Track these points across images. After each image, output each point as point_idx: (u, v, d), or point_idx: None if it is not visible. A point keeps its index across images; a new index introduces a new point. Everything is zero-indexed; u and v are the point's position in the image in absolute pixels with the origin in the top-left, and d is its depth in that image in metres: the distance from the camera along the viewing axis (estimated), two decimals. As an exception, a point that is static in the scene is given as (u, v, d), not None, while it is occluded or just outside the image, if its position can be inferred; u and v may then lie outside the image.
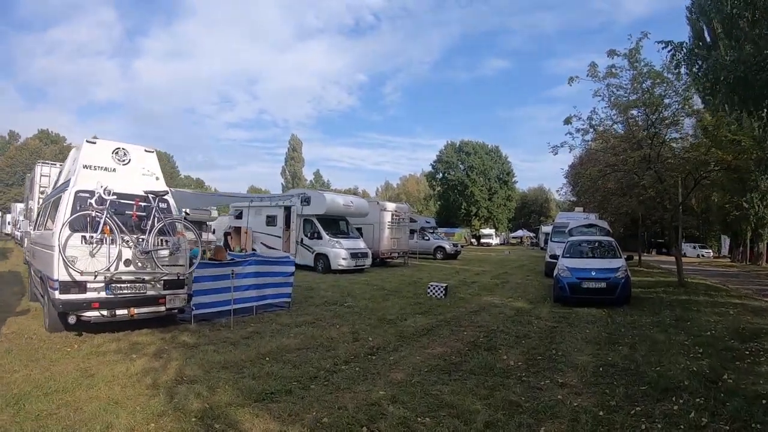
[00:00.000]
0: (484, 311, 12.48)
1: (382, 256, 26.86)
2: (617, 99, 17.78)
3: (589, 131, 18.80)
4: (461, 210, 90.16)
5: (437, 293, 14.69)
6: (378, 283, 18.21)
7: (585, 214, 27.77)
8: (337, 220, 24.54)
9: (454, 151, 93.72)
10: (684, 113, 17.29)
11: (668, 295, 16.14)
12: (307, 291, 15.37)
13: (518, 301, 14.68)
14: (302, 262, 22.98)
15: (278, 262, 12.65)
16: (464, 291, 16.58)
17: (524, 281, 20.83)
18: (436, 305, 13.12)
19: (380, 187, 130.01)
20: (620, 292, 13.61)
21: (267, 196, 13.56)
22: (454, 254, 37.37)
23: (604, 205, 26.25)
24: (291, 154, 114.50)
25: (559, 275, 14.26)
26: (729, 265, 40.54)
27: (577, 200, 55.34)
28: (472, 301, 14.40)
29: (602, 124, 18.72)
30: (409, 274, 22.52)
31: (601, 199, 26.58)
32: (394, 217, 27.75)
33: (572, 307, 13.36)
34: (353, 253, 22.59)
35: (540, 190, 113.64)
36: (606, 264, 14.51)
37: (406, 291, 16.06)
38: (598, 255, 15.96)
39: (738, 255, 48.15)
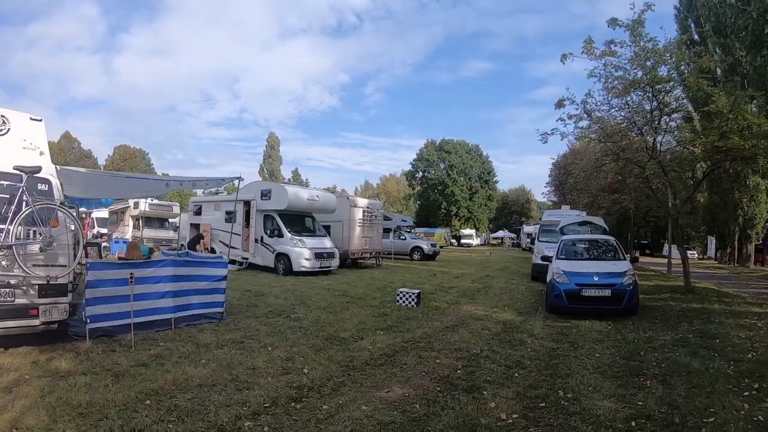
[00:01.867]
0: (463, 326, 10.02)
1: (353, 256, 24.40)
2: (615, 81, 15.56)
3: (583, 117, 16.58)
4: (441, 210, 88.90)
5: (408, 301, 12.26)
6: (342, 287, 15.79)
7: (576, 212, 25.42)
8: (302, 216, 22.15)
9: (435, 150, 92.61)
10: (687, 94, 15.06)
11: (677, 303, 13.90)
12: (255, 297, 13.09)
13: (504, 311, 12.27)
14: (262, 262, 21.02)
15: (204, 263, 10.22)
16: (441, 298, 14.14)
17: (509, 285, 18.47)
18: (405, 317, 10.70)
19: (360, 187, 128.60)
20: (628, 302, 11.30)
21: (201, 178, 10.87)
22: (432, 255, 34.96)
23: (598, 202, 23.82)
24: (269, 152, 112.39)
25: (554, 281, 11.87)
26: (717, 267, 39.04)
27: (561, 200, 54.00)
28: (449, 311, 11.95)
29: (598, 109, 16.47)
30: (380, 277, 20.08)
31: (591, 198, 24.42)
32: (365, 214, 25.13)
33: (570, 318, 11.08)
34: (318, 253, 20.16)
35: (521, 191, 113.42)
36: (609, 267, 12.26)
37: (371, 298, 13.62)
38: (599, 257, 13.75)
39: (725, 256, 46.79)
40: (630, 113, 16.01)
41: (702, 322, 10.96)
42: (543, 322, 10.84)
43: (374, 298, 13.54)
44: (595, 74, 15.69)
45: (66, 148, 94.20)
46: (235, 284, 15.35)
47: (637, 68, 14.91)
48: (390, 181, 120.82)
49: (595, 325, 10.36)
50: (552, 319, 11.21)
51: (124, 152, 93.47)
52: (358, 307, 12.06)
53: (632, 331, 9.96)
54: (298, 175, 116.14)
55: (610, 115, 16.60)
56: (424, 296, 13.39)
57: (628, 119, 16.23)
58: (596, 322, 10.61)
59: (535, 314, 11.87)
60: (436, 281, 19.18)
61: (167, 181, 9.30)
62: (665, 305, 13.57)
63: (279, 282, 17.04)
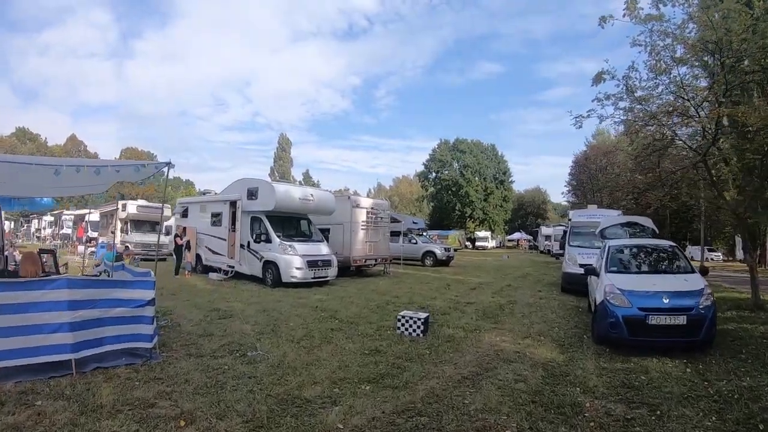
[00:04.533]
0: (487, 374, 6.91)
1: (355, 263, 21.39)
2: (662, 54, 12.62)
3: (623, 97, 13.55)
4: (455, 211, 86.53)
5: (413, 329, 9.24)
6: (334, 305, 12.80)
7: (614, 211, 22.12)
8: (296, 218, 19.31)
9: (448, 150, 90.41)
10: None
11: (754, 326, 10.76)
12: (218, 321, 10.28)
13: (540, 342, 9.16)
14: (249, 271, 18.18)
15: (121, 284, 7.32)
16: (455, 322, 10.98)
17: (536, 300, 15.17)
18: (406, 357, 7.68)
19: (372, 189, 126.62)
20: (707, 332, 8.30)
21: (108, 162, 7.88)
22: (446, 260, 31.77)
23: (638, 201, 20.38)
24: (279, 153, 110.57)
25: (608, 303, 8.75)
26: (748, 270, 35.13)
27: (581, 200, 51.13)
28: (466, 344, 8.83)
29: (643, 87, 13.43)
30: (384, 289, 17.02)
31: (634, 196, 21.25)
32: (370, 215, 22.04)
33: (628, 354, 8.15)
34: (312, 260, 17.23)
35: (537, 191, 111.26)
36: (679, 284, 9.13)
37: (366, 322, 10.58)
38: (661, 269, 10.55)
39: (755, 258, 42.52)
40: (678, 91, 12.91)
41: None
42: (596, 362, 7.76)
43: (370, 323, 10.50)
44: (639, 42, 12.72)
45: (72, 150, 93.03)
46: (207, 300, 13.25)
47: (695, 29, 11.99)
48: (403, 183, 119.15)
49: (667, 367, 7.45)
50: (606, 355, 8.17)
51: (131, 155, 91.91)
52: (346, 337, 9.05)
53: (721, 375, 7.03)
54: (309, 177, 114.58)
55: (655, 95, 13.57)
56: (434, 320, 10.49)
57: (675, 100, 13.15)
58: (667, 361, 7.71)
59: (581, 347, 8.79)
60: (449, 294, 16.03)
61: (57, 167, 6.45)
62: (739, 329, 10.48)
63: (261, 297, 14.20)
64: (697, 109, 13.00)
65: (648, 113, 13.51)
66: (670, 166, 15.88)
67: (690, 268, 10.25)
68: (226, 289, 15.66)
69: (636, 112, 13.93)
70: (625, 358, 7.92)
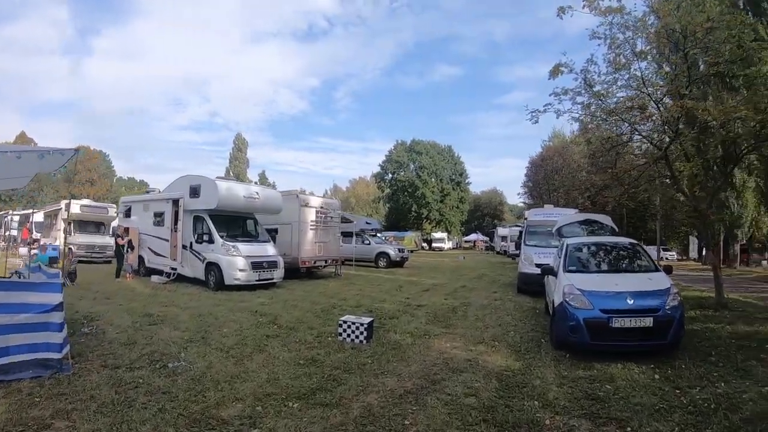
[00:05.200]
0: (434, 388, 6.14)
1: (304, 264, 20.48)
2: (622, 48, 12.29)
3: (582, 92, 13.15)
4: (411, 213, 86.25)
5: (355, 336, 8.47)
6: (275, 310, 11.97)
7: (573, 210, 21.70)
8: (241, 218, 18.45)
9: (405, 151, 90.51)
10: None
11: (719, 325, 10.35)
12: (147, 328, 9.44)
13: (495, 349, 8.43)
14: (192, 273, 17.17)
15: (22, 287, 6.52)
16: (403, 326, 10.26)
17: (492, 302, 14.51)
18: (345, 367, 6.93)
19: (329, 190, 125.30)
20: (675, 334, 7.71)
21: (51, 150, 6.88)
22: (400, 261, 31.24)
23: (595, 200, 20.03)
24: (235, 154, 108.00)
25: (568, 305, 8.14)
26: (703, 269, 36.37)
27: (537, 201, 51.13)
28: (413, 351, 8.07)
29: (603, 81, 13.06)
30: (332, 291, 16.27)
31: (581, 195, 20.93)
32: (319, 215, 21.25)
33: (591, 360, 7.48)
34: (256, 262, 16.37)
35: (493, 193, 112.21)
36: (644, 283, 8.53)
37: (307, 328, 9.75)
38: (623, 267, 9.94)
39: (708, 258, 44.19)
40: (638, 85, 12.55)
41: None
42: (555, 370, 7.11)
43: (311, 328, 9.67)
44: (599, 35, 12.31)
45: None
46: (142, 304, 12.51)
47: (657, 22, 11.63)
48: (360, 184, 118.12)
49: (634, 374, 6.84)
50: (566, 362, 7.53)
51: (83, 154, 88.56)
52: (281, 345, 8.23)
53: (693, 382, 6.47)
54: (265, 178, 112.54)
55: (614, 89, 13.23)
56: (380, 324, 9.84)
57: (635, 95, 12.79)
58: (633, 367, 7.10)
59: (539, 353, 8.11)
60: (401, 296, 15.32)
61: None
62: (705, 329, 10.04)
63: (201, 301, 13.34)
64: (658, 104, 12.69)
65: (606, 109, 13.12)
66: (628, 163, 15.57)
67: (654, 267, 9.73)
68: (165, 293, 14.76)
69: (594, 109, 13.54)
70: (588, 365, 7.30)
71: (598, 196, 17.46)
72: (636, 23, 12.02)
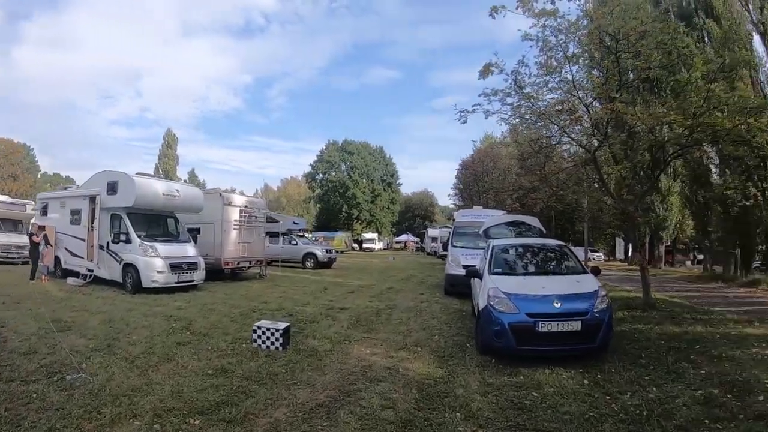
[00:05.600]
0: (348, 402, 5.79)
1: (227, 265, 19.92)
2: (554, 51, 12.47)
3: (512, 93, 13.24)
4: (342, 213, 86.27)
5: (270, 342, 8.10)
6: (191, 314, 11.47)
7: (501, 211, 21.83)
8: (161, 217, 17.68)
9: (337, 151, 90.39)
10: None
11: (648, 326, 10.48)
12: (52, 336, 8.68)
13: (417, 355, 8.17)
14: (109, 275, 16.35)
15: None
16: (323, 330, 9.94)
17: (418, 304, 14.40)
18: (256, 377, 6.56)
19: (260, 190, 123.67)
20: (604, 337, 7.69)
21: None
22: (327, 262, 30.93)
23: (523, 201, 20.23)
24: (165, 150, 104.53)
25: (492, 309, 7.94)
26: (629, 269, 38.01)
27: (467, 203, 51.73)
28: (331, 359, 7.73)
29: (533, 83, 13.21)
30: (255, 294, 15.80)
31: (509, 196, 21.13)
32: (243, 214, 20.69)
33: (518, 365, 7.37)
34: (175, 263, 15.78)
35: (424, 194, 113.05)
36: (571, 286, 8.45)
37: (222, 334, 9.32)
38: (550, 269, 9.87)
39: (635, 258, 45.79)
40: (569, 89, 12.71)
41: (707, 360, 7.71)
42: (480, 377, 6.93)
43: (226, 334, 9.25)
44: (531, 37, 12.40)
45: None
46: (53, 309, 11.66)
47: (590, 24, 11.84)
48: (291, 184, 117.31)
49: (562, 379, 6.76)
50: (491, 368, 7.37)
51: (5, 147, 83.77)
52: (192, 353, 7.80)
53: (624, 387, 6.44)
54: (194, 176, 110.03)
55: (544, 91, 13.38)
56: (298, 329, 9.56)
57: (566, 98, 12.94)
58: (561, 372, 7.01)
59: (463, 359, 7.93)
60: (324, 299, 14.98)
61: None
62: (634, 330, 10.16)
63: (115, 305, 12.67)
64: (588, 108, 12.85)
65: (536, 111, 13.24)
66: (557, 165, 15.81)
67: (581, 269, 9.72)
68: (80, 297, 14.00)
69: (523, 111, 13.64)
70: (514, 370, 7.17)
71: (526, 198, 17.62)
72: (569, 27, 12.16)
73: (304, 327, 10.06)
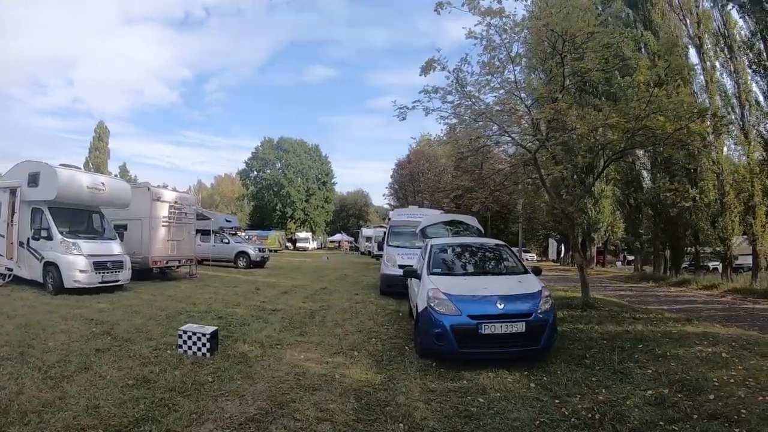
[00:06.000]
0: (280, 415, 5.32)
1: (155, 264, 19.08)
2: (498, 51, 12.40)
3: (453, 91, 13.12)
4: (276, 211, 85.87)
5: (197, 348, 7.59)
6: (115, 317, 10.76)
7: (438, 210, 21.69)
8: (86, 212, 16.64)
9: (272, 148, 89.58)
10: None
11: (590, 326, 10.57)
12: None
13: (353, 360, 7.80)
14: (29, 275, 15.37)
15: None
16: (254, 334, 9.36)
17: (353, 305, 14.05)
18: (180, 390, 6.01)
19: (193, 186, 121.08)
20: (548, 338, 7.56)
21: None
22: (260, 261, 30.29)
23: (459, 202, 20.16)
24: (96, 144, 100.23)
25: (433, 311, 7.69)
26: (563, 269, 39.48)
27: (402, 203, 51.84)
28: (261, 366, 7.22)
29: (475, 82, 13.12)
30: (183, 295, 15.10)
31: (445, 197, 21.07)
32: (173, 210, 19.89)
33: (460, 369, 7.17)
34: (99, 262, 14.93)
35: (359, 194, 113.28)
36: (513, 286, 8.25)
37: (145, 339, 8.70)
38: (490, 269, 9.70)
39: (568, 259, 48.17)
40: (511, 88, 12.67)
41: (653, 359, 7.77)
42: (421, 382, 6.65)
43: (150, 339, 8.65)
44: (476, 35, 12.26)
45: None
46: None
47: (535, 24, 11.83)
48: (225, 181, 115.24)
49: (507, 383, 6.60)
50: (432, 372, 7.12)
51: None
52: (112, 360, 7.21)
53: (572, 389, 6.32)
54: (126, 171, 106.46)
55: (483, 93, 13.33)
56: (228, 332, 9.12)
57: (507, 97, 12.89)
58: (505, 375, 6.87)
59: (403, 363, 7.64)
60: (256, 300, 14.45)
61: None
62: (575, 330, 10.15)
63: (33, 307, 11.83)
64: (530, 108, 12.84)
65: (477, 111, 13.14)
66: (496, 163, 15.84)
67: (522, 268, 9.56)
68: (-4, 298, 12.99)
69: (463, 110, 13.52)
70: (457, 375, 6.94)
71: (463, 198, 17.53)
72: (514, 27, 12.12)
73: (233, 330, 9.59)
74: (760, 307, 15.92)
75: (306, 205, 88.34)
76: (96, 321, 10.22)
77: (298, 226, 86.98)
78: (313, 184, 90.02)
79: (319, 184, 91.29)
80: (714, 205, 23.65)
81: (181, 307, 12.46)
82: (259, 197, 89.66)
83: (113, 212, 18.06)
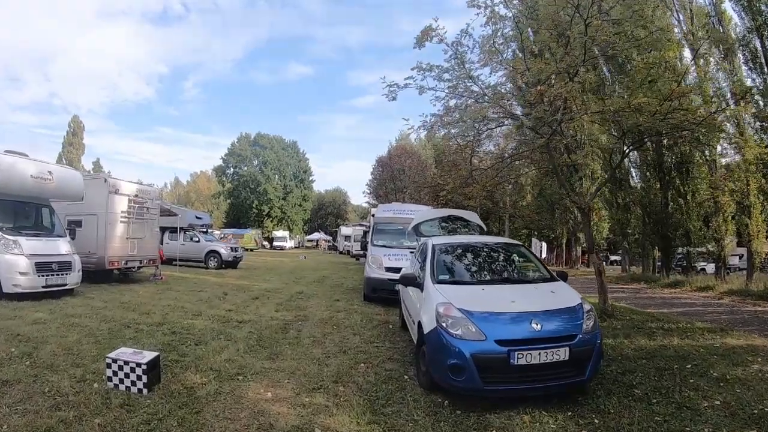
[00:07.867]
0: None
1: (113, 265, 17.19)
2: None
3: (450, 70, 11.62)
4: (253, 209, 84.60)
5: (130, 381, 5.77)
6: (47, 332, 8.90)
7: (425, 207, 20.03)
8: (31, 205, 14.67)
9: (249, 144, 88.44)
10: None
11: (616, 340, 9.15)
12: None
13: (338, 399, 5.84)
14: (-32, 277, 13.12)
15: None
16: (210, 359, 7.36)
17: (333, 313, 12.28)
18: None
19: (169, 184, 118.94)
20: (594, 366, 5.78)
21: None
22: (233, 261, 28.57)
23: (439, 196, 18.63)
24: (70, 139, 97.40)
25: (445, 333, 5.77)
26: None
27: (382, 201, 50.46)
28: (213, 411, 5.29)
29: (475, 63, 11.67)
30: (138, 303, 13.15)
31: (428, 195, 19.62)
32: (133, 204, 17.92)
33: (483, 412, 5.41)
34: (43, 263, 13.04)
35: (338, 192, 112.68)
36: (547, 299, 6.46)
37: (71, 366, 6.85)
38: (514, 277, 7.73)
39: (553, 259, 48.21)
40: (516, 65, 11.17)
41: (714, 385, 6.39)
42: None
43: (76, 366, 6.79)
44: (478, 4, 10.76)
45: None
46: None
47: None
48: (201, 178, 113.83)
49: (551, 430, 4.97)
50: (447, 415, 5.35)
51: None
52: (18, 399, 5.40)
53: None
54: (100, 167, 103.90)
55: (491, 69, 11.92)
56: (178, 356, 7.40)
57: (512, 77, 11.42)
58: (546, 418, 5.24)
59: (405, 401, 5.78)
60: (221, 308, 12.63)
61: None
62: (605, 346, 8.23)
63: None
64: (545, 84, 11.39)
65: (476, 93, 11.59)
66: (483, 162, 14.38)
67: (548, 274, 7.66)
68: None
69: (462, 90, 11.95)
70: (480, 420, 5.20)
71: (453, 194, 15.85)
72: None
73: (186, 352, 7.78)
74: (762, 309, 15.06)
75: (283, 203, 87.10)
76: (22, 337, 8.38)
77: (275, 225, 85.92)
78: (291, 182, 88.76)
79: (296, 181, 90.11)
80: (707, 205, 23.27)
81: (130, 319, 10.58)
82: (235, 194, 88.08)
83: (67, 207, 16.26)
